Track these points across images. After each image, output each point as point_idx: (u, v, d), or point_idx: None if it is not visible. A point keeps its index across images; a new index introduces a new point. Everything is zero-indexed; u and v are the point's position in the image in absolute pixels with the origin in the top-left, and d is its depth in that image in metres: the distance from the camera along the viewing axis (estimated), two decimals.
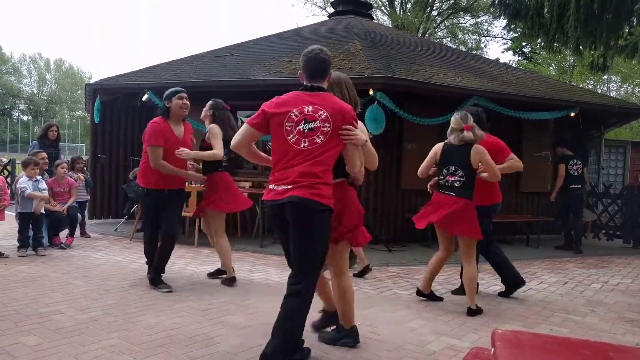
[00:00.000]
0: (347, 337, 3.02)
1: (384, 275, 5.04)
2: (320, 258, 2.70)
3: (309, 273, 2.67)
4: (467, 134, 3.84)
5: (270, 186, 2.69)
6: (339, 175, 2.84)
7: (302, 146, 2.62)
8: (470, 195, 3.83)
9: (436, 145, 4.06)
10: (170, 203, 4.20)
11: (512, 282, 4.38)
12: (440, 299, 4.16)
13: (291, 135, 2.64)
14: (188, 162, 4.32)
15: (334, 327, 3.15)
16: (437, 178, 4.01)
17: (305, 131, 2.63)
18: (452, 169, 3.86)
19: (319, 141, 2.61)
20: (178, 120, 4.21)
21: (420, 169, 4.08)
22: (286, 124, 2.65)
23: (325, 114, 2.63)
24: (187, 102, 4.20)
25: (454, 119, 3.94)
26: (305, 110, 2.65)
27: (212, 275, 4.66)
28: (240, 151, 2.86)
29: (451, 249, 4.08)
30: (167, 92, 4.19)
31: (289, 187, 2.59)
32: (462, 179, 3.81)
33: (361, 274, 4.83)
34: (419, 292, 4.17)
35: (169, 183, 4.16)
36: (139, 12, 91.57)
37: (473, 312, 3.77)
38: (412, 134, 6.99)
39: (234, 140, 2.83)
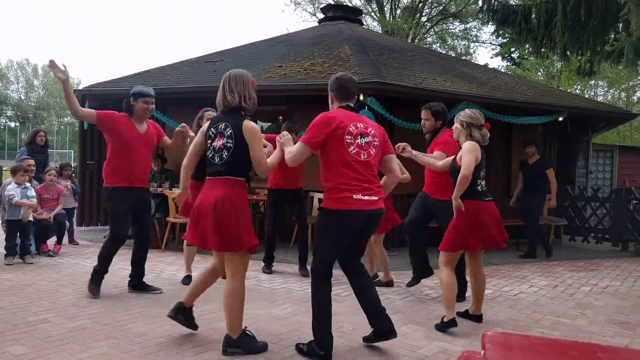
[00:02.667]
0: (236, 346, 2.92)
1: (374, 281, 5.03)
2: None
3: None
4: (486, 132, 3.61)
5: (355, 196, 2.84)
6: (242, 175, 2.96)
7: (362, 157, 2.91)
8: None
9: (473, 145, 3.47)
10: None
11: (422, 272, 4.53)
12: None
13: (352, 147, 2.89)
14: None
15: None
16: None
17: (363, 144, 2.92)
18: (483, 172, 3.54)
19: (373, 153, 2.96)
20: (141, 120, 4.22)
21: (467, 176, 3.39)
22: (346, 137, 2.89)
23: (373, 131, 2.99)
24: (152, 107, 4.23)
25: (473, 112, 3.60)
26: (359, 126, 2.95)
27: None
28: (293, 166, 3.07)
29: None
30: (134, 90, 4.19)
31: (375, 198, 2.90)
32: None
33: (387, 284, 4.80)
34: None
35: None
36: (128, 18, 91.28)
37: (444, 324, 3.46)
38: (402, 138, 6.87)
39: (291, 159, 2.95)
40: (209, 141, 3.00)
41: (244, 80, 3.06)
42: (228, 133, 2.92)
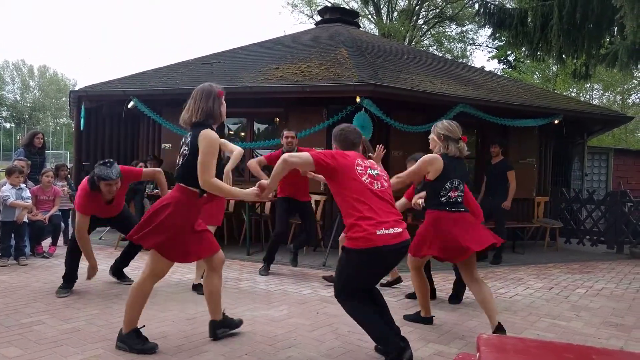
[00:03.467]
0: None
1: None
2: None
3: None
4: (464, 146, 3.60)
5: (380, 231, 2.68)
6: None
7: (375, 187, 2.84)
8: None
9: (432, 157, 3.48)
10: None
11: None
12: None
13: (364, 177, 2.84)
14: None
15: None
16: (424, 194, 3.67)
17: (375, 175, 2.90)
18: (456, 182, 3.48)
19: (386, 185, 2.94)
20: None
21: (403, 180, 3.57)
22: (357, 168, 2.86)
23: (380, 168, 3.06)
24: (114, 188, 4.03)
25: (451, 125, 3.61)
26: (366, 162, 2.96)
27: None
28: (286, 169, 2.87)
29: None
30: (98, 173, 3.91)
31: (400, 230, 2.78)
32: (462, 194, 3.53)
33: (390, 284, 4.81)
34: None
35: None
36: (125, 19, 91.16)
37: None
38: (398, 141, 7.04)
39: (295, 159, 2.84)
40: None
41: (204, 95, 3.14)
42: (187, 141, 2.95)
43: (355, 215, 2.72)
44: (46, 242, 5.93)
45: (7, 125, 50.35)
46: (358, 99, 6.36)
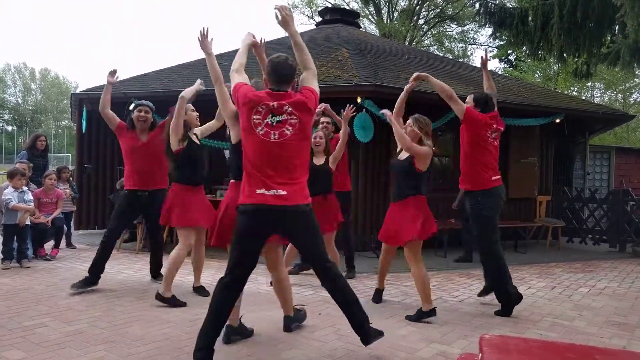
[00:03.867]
0: None
1: (373, 282, 5.03)
2: None
3: None
4: (431, 144, 4.09)
5: (260, 190, 2.76)
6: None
7: (272, 138, 2.75)
8: None
9: (430, 152, 3.95)
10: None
11: None
12: None
13: (260, 128, 2.78)
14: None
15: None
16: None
17: (274, 123, 2.76)
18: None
19: (289, 133, 2.76)
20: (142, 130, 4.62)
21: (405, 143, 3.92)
22: (254, 117, 2.76)
23: (292, 109, 2.80)
24: (146, 115, 4.65)
25: (425, 120, 4.12)
26: (271, 104, 2.81)
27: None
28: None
29: None
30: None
31: (283, 192, 2.72)
32: None
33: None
34: None
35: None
36: (126, 21, 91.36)
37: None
38: None
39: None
40: None
41: None
42: None
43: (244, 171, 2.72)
44: (49, 245, 5.94)
45: (9, 128, 50.51)
46: (359, 100, 6.36)
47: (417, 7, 24.05)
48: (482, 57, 4.58)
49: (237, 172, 2.95)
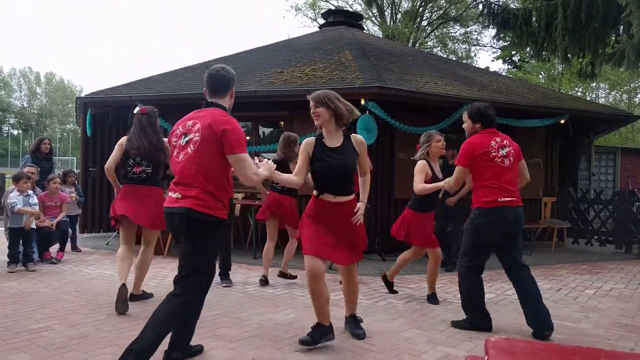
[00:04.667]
0: None
1: (378, 285, 5.02)
2: None
3: None
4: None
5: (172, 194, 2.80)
6: None
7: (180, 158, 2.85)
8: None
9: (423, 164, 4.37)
10: None
11: None
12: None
13: (175, 151, 2.89)
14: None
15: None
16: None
17: (183, 144, 2.84)
18: None
19: (190, 151, 2.80)
20: None
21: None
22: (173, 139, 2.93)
23: (198, 126, 2.78)
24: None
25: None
26: (187, 124, 2.93)
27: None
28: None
29: None
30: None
31: (177, 195, 2.78)
32: None
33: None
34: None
35: None
36: (130, 25, 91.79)
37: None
38: (403, 143, 7.03)
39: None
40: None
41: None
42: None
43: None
44: (54, 248, 5.97)
45: (15, 132, 50.84)
46: (363, 102, 6.36)
47: (420, 9, 24.03)
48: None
49: None
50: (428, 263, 4.42)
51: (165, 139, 3.93)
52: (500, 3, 9.50)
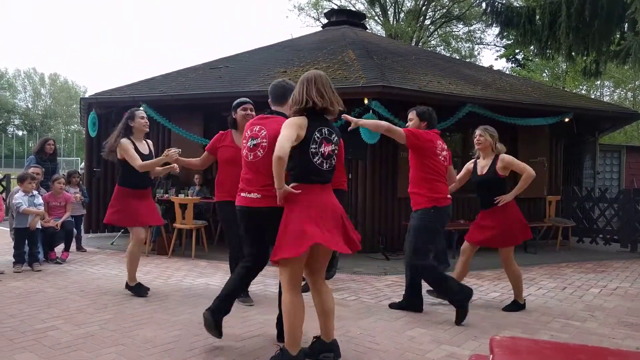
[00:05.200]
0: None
1: (382, 284, 5.02)
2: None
3: None
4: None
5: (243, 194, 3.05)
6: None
7: (249, 158, 3.07)
8: None
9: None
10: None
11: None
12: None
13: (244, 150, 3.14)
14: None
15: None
16: None
17: (251, 147, 3.10)
18: None
19: (260, 155, 3.02)
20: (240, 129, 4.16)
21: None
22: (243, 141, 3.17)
23: (264, 132, 3.06)
24: (251, 113, 4.14)
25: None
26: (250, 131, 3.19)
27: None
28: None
29: None
30: (234, 103, 4.21)
31: (256, 195, 3.01)
32: None
33: None
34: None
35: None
36: (133, 26, 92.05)
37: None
38: None
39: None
40: (314, 145, 2.74)
41: (329, 84, 2.90)
42: (335, 140, 2.85)
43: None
44: (59, 248, 5.99)
45: (20, 133, 51.09)
46: (366, 101, 6.36)
47: (423, 8, 23.99)
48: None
49: None
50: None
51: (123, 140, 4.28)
52: (504, 1, 9.47)
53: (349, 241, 2.79)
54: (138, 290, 4.33)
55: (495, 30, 24.77)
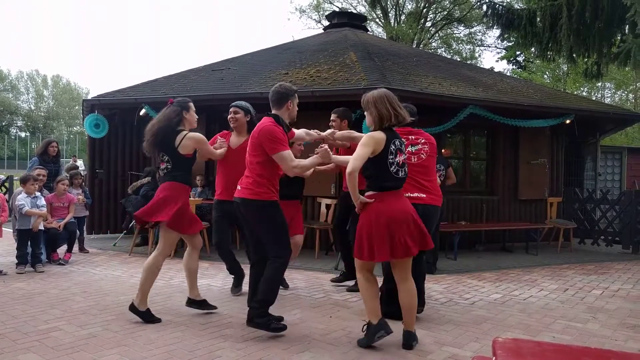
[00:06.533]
0: None
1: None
2: None
3: None
4: None
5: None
6: None
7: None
8: None
9: None
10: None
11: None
12: None
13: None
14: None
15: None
16: None
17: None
18: None
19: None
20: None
21: None
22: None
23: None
24: (234, 116, 4.39)
25: None
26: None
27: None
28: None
29: None
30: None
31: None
32: None
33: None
34: None
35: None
36: (136, 28, 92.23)
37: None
38: None
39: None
40: (391, 156, 3.12)
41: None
42: (403, 148, 3.26)
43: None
44: (62, 249, 6.01)
45: (22, 135, 51.14)
46: None
47: (424, 10, 24.01)
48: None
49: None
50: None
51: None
52: (505, 4, 9.49)
53: (422, 240, 3.13)
54: (208, 306, 3.88)
55: (496, 32, 24.72)
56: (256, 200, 3.33)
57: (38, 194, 5.61)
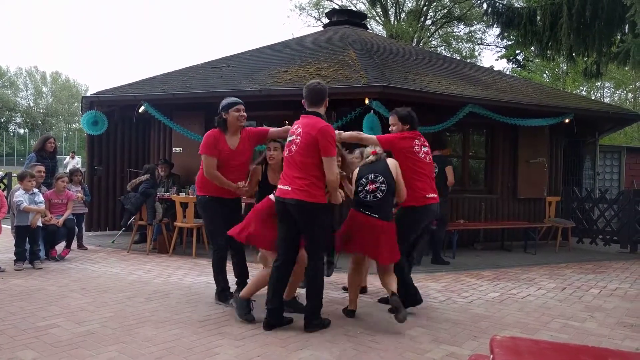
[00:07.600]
0: None
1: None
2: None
3: None
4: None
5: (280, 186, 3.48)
6: None
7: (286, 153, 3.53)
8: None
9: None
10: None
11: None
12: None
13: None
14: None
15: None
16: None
17: (289, 142, 3.56)
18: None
19: (294, 150, 3.51)
20: (234, 131, 4.09)
21: None
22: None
23: (299, 130, 3.51)
24: (244, 114, 4.10)
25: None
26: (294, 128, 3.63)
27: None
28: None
29: None
30: (224, 103, 4.07)
31: (288, 188, 3.47)
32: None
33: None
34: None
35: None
36: (135, 25, 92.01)
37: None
38: None
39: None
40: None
41: None
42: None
43: None
44: (60, 246, 6.00)
45: (21, 131, 51.07)
46: (367, 101, 6.36)
47: (425, 8, 23.97)
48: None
49: None
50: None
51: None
52: (505, 2, 9.49)
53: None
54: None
55: (496, 30, 24.82)
56: (314, 204, 3.31)
57: (36, 190, 5.60)
